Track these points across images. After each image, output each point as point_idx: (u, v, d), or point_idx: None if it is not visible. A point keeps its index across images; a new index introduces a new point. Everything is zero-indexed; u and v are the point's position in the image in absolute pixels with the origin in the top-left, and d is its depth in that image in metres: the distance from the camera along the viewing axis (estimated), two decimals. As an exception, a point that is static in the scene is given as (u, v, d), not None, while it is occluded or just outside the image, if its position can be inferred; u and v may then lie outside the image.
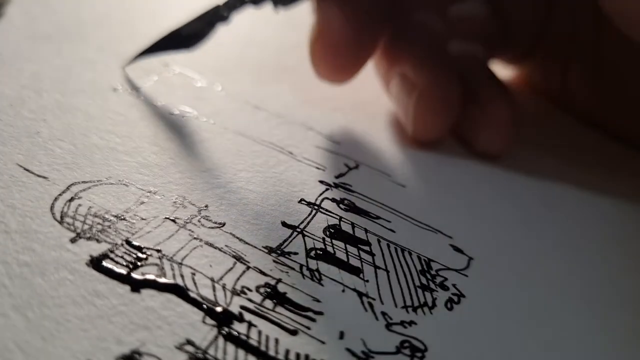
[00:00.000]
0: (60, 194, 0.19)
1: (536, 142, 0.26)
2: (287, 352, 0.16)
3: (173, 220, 0.19)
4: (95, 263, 0.17)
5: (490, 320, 0.19)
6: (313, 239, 0.20)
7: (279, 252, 0.19)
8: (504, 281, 0.20)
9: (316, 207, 0.21)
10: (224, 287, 0.17)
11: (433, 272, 0.20)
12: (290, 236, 0.19)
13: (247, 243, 0.19)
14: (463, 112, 0.25)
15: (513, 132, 0.25)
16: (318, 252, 0.19)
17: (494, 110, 0.25)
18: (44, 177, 0.19)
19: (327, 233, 0.20)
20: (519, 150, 0.26)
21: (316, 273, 0.19)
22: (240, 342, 0.16)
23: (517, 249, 0.21)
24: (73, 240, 0.17)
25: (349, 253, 0.20)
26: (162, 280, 0.17)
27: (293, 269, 0.18)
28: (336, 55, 0.24)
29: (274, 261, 0.18)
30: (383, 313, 0.18)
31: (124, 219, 0.18)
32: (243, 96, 0.26)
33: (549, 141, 0.28)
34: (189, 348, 0.15)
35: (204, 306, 0.17)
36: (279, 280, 0.18)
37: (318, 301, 0.18)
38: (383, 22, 0.24)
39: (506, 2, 0.27)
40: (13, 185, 0.18)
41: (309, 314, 0.17)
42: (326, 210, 0.21)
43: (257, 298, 0.17)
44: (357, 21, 0.23)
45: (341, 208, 0.21)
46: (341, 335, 0.17)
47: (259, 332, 0.16)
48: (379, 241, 0.20)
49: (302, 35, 0.25)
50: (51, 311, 0.15)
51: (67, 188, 0.19)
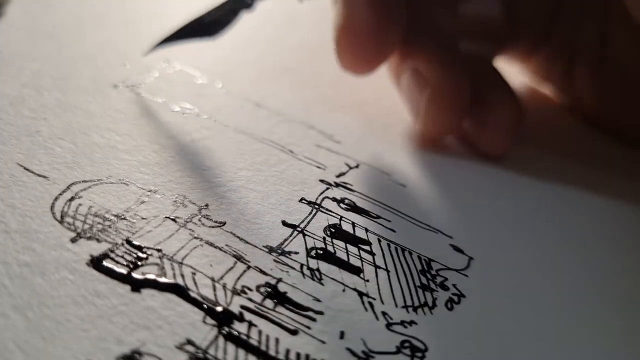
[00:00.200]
0: (60, 194, 0.19)
1: (537, 142, 0.26)
2: (288, 352, 0.16)
3: (173, 219, 0.19)
4: (95, 263, 0.17)
5: (490, 320, 0.19)
6: (313, 239, 0.20)
7: (280, 252, 0.19)
8: (504, 281, 0.20)
9: (317, 206, 0.21)
10: (225, 287, 0.17)
11: (433, 272, 0.20)
12: (290, 235, 0.19)
13: (248, 242, 0.19)
14: (469, 111, 0.25)
15: (517, 133, 0.25)
16: (318, 252, 0.19)
17: (501, 112, 0.25)
18: (44, 177, 0.19)
19: (328, 232, 0.20)
20: (520, 150, 0.26)
21: (316, 272, 0.19)
22: (240, 342, 0.16)
23: (517, 249, 0.21)
24: (73, 239, 0.17)
25: (350, 252, 0.20)
26: (163, 279, 0.17)
27: (293, 269, 0.18)
28: (361, 45, 0.23)
29: (275, 260, 0.18)
30: (383, 313, 0.18)
31: (125, 219, 0.18)
32: (244, 94, 0.26)
33: (550, 141, 0.28)
34: (190, 348, 0.15)
35: (205, 306, 0.17)
36: (280, 279, 0.18)
37: (318, 301, 0.18)
38: (406, 13, 0.24)
39: (515, 1, 0.27)
40: (13, 184, 0.18)
41: (310, 314, 0.17)
42: (327, 209, 0.21)
43: (258, 297, 0.17)
44: (381, 10, 0.23)
45: (342, 207, 0.21)
46: (341, 335, 0.17)
47: (260, 332, 0.16)
48: (380, 241, 0.20)
49: (304, 34, 0.25)
50: (51, 311, 0.15)
51: (68, 187, 0.19)
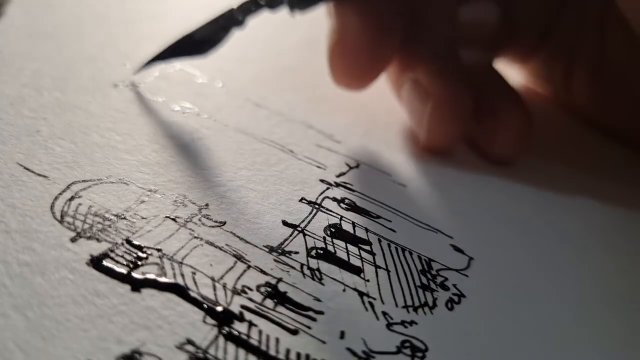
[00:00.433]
0: (60, 193, 0.19)
1: (536, 144, 0.26)
2: (288, 352, 0.16)
3: (173, 219, 0.19)
4: (95, 262, 0.17)
5: (490, 320, 0.19)
6: (314, 238, 0.20)
7: (280, 251, 0.19)
8: (504, 281, 0.20)
9: (317, 206, 0.21)
10: (225, 287, 0.17)
11: (433, 272, 0.20)
12: (290, 235, 0.19)
13: (248, 242, 0.19)
14: (476, 119, 0.25)
15: (528, 139, 0.25)
16: (319, 252, 0.19)
17: (509, 117, 0.25)
18: (44, 176, 0.19)
19: (328, 232, 0.20)
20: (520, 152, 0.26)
21: (317, 272, 0.18)
22: (240, 342, 0.16)
23: (517, 249, 0.21)
24: (73, 239, 0.17)
25: (350, 252, 0.19)
26: (163, 279, 0.17)
27: (294, 268, 0.18)
28: (354, 61, 0.23)
29: (275, 260, 0.18)
30: (384, 313, 0.18)
31: (125, 218, 0.18)
32: (244, 93, 0.26)
33: (548, 143, 0.28)
34: (190, 347, 0.15)
35: (205, 305, 0.17)
36: (280, 279, 0.18)
37: (319, 300, 0.18)
38: (400, 29, 0.24)
39: (514, 2, 0.27)
40: (13, 184, 0.18)
41: (310, 314, 0.17)
42: (327, 209, 0.21)
43: (258, 297, 0.17)
44: (375, 26, 0.23)
45: (342, 207, 0.21)
46: (342, 334, 0.17)
47: (260, 332, 0.16)
48: (380, 241, 0.20)
49: (304, 34, 0.25)
50: (51, 311, 0.15)
51: (68, 187, 0.19)
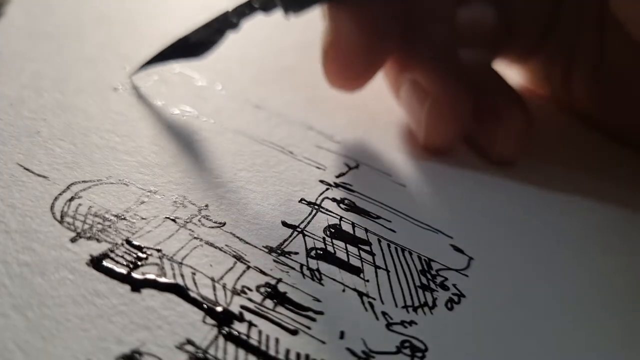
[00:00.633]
0: (60, 194, 0.19)
1: (536, 144, 0.26)
2: (288, 352, 0.16)
3: (173, 219, 0.19)
4: (95, 263, 0.17)
5: (490, 320, 0.19)
6: (313, 239, 0.20)
7: (279, 252, 0.19)
8: (504, 281, 0.20)
9: (316, 207, 0.21)
10: (224, 287, 0.17)
11: (433, 272, 0.20)
12: (290, 236, 0.19)
13: (248, 243, 0.19)
14: (476, 119, 0.25)
15: (528, 139, 0.25)
16: (318, 252, 0.19)
17: (510, 117, 0.25)
18: (44, 177, 0.19)
19: (328, 233, 0.20)
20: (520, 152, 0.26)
21: (316, 273, 0.18)
22: (240, 342, 0.16)
23: (517, 249, 0.21)
24: (73, 239, 0.17)
25: (350, 253, 0.20)
26: (163, 279, 0.17)
27: (293, 269, 0.18)
28: (348, 64, 0.24)
29: (274, 261, 0.18)
30: (383, 313, 0.18)
31: (124, 219, 0.18)
32: (243, 95, 0.26)
33: (550, 143, 0.28)
34: (189, 348, 0.15)
35: (204, 306, 0.17)
36: (280, 279, 0.18)
37: (318, 301, 0.18)
38: (395, 31, 0.24)
39: (512, 3, 0.27)
40: (13, 184, 0.18)
41: (310, 314, 0.17)
42: (326, 209, 0.21)
43: (258, 298, 0.17)
44: (369, 30, 0.23)
45: (341, 208, 0.21)
46: (341, 335, 0.17)
47: (259, 332, 0.16)
48: (380, 241, 0.20)
49: (302, 35, 0.25)
50: (51, 311, 0.15)
51: (67, 187, 0.19)
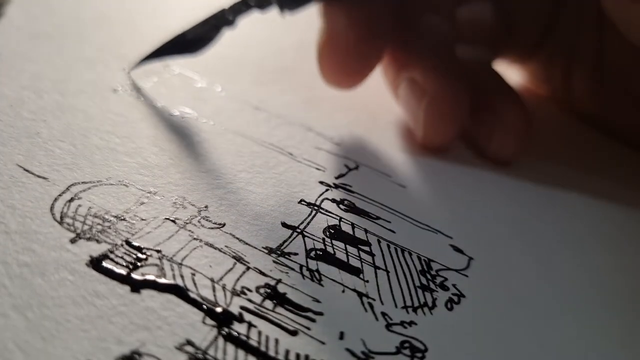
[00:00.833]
0: (60, 195, 0.19)
1: (536, 144, 0.26)
2: (287, 353, 0.16)
3: (173, 220, 0.19)
4: (95, 263, 0.17)
5: (490, 320, 0.19)
6: (313, 240, 0.20)
7: (279, 253, 0.19)
8: (504, 281, 0.20)
9: (316, 208, 0.21)
10: (224, 288, 0.17)
11: (433, 272, 0.20)
12: (290, 237, 0.19)
13: (247, 243, 0.19)
14: (475, 118, 0.25)
15: (526, 138, 0.25)
16: (318, 253, 0.19)
17: (508, 116, 0.25)
18: (44, 178, 0.19)
19: (327, 233, 0.20)
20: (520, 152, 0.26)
21: (316, 273, 0.19)
22: (240, 343, 0.16)
23: (517, 249, 0.21)
24: (73, 240, 0.17)
25: (349, 253, 0.20)
26: (162, 280, 0.17)
27: (293, 270, 0.18)
28: (344, 61, 0.24)
29: (274, 262, 0.18)
30: (383, 313, 0.18)
31: (124, 220, 0.18)
32: (243, 97, 0.26)
33: (548, 142, 0.28)
34: (189, 348, 0.15)
35: (204, 307, 0.17)
36: (279, 280, 0.18)
37: (318, 301, 0.18)
38: (390, 28, 0.24)
39: (512, 2, 0.27)
40: (13, 185, 0.18)
41: (309, 315, 0.17)
42: (326, 210, 0.21)
43: (257, 298, 0.17)
44: (365, 27, 0.23)
45: (341, 208, 0.21)
46: (341, 335, 0.17)
47: (259, 333, 0.16)
48: (379, 241, 0.20)
49: (302, 35, 0.25)
50: (51, 311, 0.15)
51: (67, 188, 0.19)
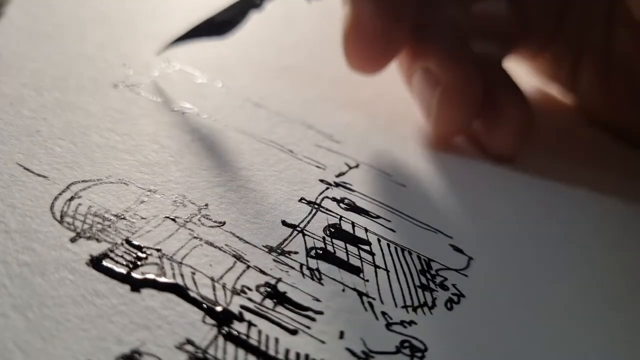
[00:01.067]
0: (60, 193, 0.19)
1: (539, 143, 0.26)
2: (287, 352, 0.16)
3: (173, 219, 0.19)
4: (95, 262, 0.17)
5: (490, 320, 0.19)
6: (313, 238, 0.20)
7: (279, 251, 0.19)
8: (504, 281, 0.20)
9: (316, 206, 0.21)
10: (224, 287, 0.17)
11: (433, 272, 0.20)
12: (290, 235, 0.19)
13: (247, 242, 0.19)
14: (479, 115, 0.25)
15: (528, 136, 0.25)
16: (318, 252, 0.19)
17: (511, 112, 0.25)
18: (44, 176, 0.19)
19: (328, 232, 0.20)
20: (521, 149, 0.26)
21: (316, 272, 0.18)
22: (240, 342, 0.16)
23: (517, 249, 0.21)
24: (73, 239, 0.17)
25: (349, 252, 0.20)
26: (162, 279, 0.17)
27: (293, 268, 0.18)
28: (370, 47, 0.24)
29: (274, 260, 0.18)
30: (383, 313, 0.18)
31: (124, 218, 0.18)
32: (244, 93, 0.26)
33: (553, 141, 0.28)
34: (189, 347, 0.15)
35: (204, 305, 0.17)
36: (279, 279, 0.18)
37: (318, 300, 0.18)
38: (414, 14, 0.24)
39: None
40: (13, 184, 0.18)
41: (309, 314, 0.17)
42: (326, 209, 0.21)
43: (257, 297, 0.17)
44: (390, 13, 0.23)
45: (341, 207, 0.21)
46: (341, 334, 0.17)
47: (259, 332, 0.16)
48: (379, 241, 0.20)
49: (304, 33, 0.25)
50: (51, 311, 0.15)
51: (67, 187, 0.19)
